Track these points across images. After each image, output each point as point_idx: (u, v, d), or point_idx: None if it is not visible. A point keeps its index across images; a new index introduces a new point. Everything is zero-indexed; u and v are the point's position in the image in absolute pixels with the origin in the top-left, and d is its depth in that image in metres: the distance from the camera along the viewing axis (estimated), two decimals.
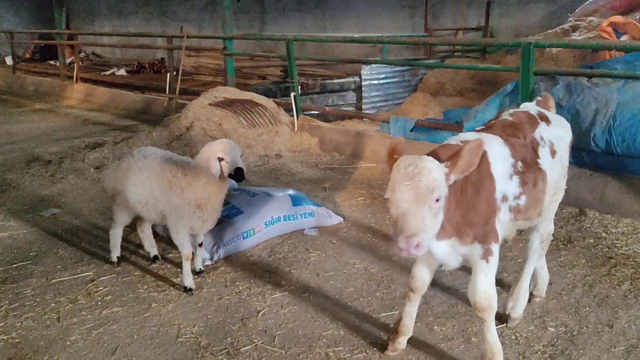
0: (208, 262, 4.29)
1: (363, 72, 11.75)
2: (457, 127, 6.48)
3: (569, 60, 9.47)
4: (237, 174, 3.65)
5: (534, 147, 3.04)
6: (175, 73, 10.59)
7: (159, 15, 21.90)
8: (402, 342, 3.14)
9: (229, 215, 4.55)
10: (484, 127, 3.15)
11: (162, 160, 3.91)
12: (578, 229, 4.81)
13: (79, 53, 14.98)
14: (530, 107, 3.33)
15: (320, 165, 7.04)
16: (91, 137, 8.73)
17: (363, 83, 11.81)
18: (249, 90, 9.09)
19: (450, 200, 2.57)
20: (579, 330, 3.33)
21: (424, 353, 3.15)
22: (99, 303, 3.74)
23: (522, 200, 2.91)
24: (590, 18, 9.78)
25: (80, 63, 14.75)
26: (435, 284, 3.93)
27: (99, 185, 6.24)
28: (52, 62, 18.93)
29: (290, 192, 5.06)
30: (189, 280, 3.88)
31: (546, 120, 3.21)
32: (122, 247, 4.38)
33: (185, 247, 3.85)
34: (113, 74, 16.12)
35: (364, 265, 4.25)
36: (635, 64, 5.64)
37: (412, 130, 6.89)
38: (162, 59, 16.56)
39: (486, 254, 2.76)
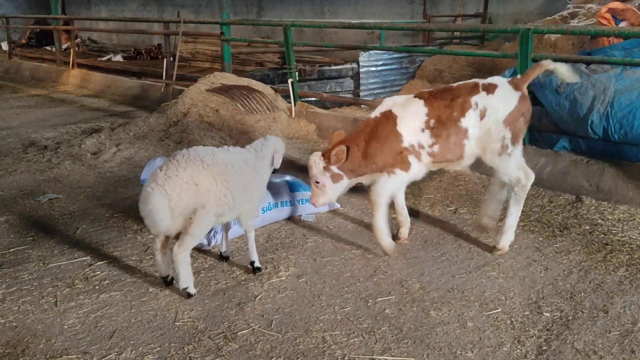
0: (206, 248, 4.29)
1: (361, 58, 11.70)
2: None
3: (567, 47, 9.45)
4: None
5: (464, 108, 3.90)
6: (172, 59, 10.53)
7: (155, 0, 21.73)
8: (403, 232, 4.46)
9: None
10: (429, 90, 4.12)
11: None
12: (574, 216, 4.82)
13: (75, 38, 14.87)
14: (492, 79, 4.02)
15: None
16: (88, 123, 8.70)
17: (361, 70, 11.77)
18: (246, 77, 9.05)
19: (359, 155, 4.01)
20: (574, 316, 3.35)
21: (419, 337, 3.17)
22: (96, 287, 3.75)
23: (436, 148, 3.96)
24: (589, 5, 9.73)
25: (77, 48, 14.64)
26: (431, 269, 3.96)
27: (96, 170, 6.23)
28: (48, 48, 18.81)
29: (288, 178, 5.06)
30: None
31: (489, 90, 3.92)
32: (122, 230, 4.35)
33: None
34: (109, 59, 16.03)
35: (360, 251, 4.26)
36: (634, 50, 5.63)
37: None
38: (159, 44, 16.45)
39: (390, 172, 4.02)
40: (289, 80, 8.19)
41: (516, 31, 5.84)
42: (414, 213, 4.92)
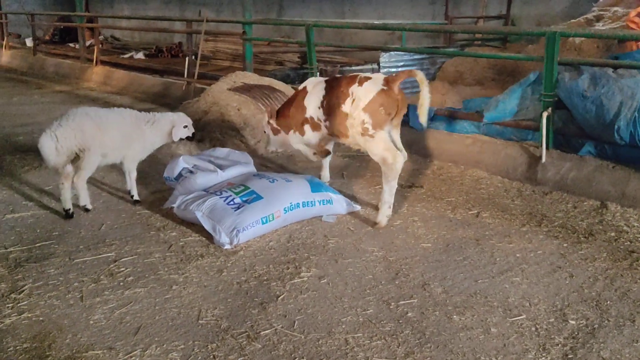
0: (227, 247, 4.32)
1: (381, 59, 11.66)
2: (477, 116, 6.43)
3: (592, 51, 9.32)
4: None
5: (345, 95, 4.76)
6: (193, 57, 10.60)
7: None
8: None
9: (248, 201, 4.57)
10: (327, 78, 5.24)
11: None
12: (599, 222, 4.76)
13: (98, 36, 15.04)
14: (372, 75, 4.81)
15: (338, 152, 7.02)
16: None
17: (381, 70, 11.71)
18: (267, 76, 9.07)
19: (289, 119, 5.30)
20: (600, 324, 3.31)
21: (442, 342, 3.15)
22: (121, 283, 3.79)
23: (327, 123, 4.99)
24: (615, 8, 9.59)
25: (100, 46, 14.81)
26: (453, 273, 3.94)
27: (117, 167, 6.28)
28: (71, 45, 19.05)
29: (309, 178, 5.07)
30: None
31: (360, 83, 4.73)
32: (146, 226, 4.41)
33: None
34: (131, 57, 16.19)
35: (382, 254, 4.25)
36: None
37: (431, 119, 6.84)
38: (180, 43, 16.59)
39: (296, 131, 5.30)
40: None
41: (542, 34, 5.78)
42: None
